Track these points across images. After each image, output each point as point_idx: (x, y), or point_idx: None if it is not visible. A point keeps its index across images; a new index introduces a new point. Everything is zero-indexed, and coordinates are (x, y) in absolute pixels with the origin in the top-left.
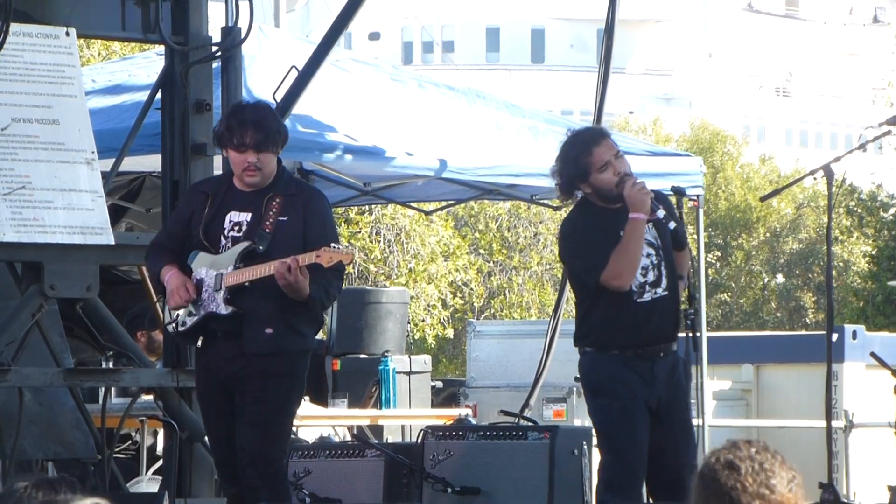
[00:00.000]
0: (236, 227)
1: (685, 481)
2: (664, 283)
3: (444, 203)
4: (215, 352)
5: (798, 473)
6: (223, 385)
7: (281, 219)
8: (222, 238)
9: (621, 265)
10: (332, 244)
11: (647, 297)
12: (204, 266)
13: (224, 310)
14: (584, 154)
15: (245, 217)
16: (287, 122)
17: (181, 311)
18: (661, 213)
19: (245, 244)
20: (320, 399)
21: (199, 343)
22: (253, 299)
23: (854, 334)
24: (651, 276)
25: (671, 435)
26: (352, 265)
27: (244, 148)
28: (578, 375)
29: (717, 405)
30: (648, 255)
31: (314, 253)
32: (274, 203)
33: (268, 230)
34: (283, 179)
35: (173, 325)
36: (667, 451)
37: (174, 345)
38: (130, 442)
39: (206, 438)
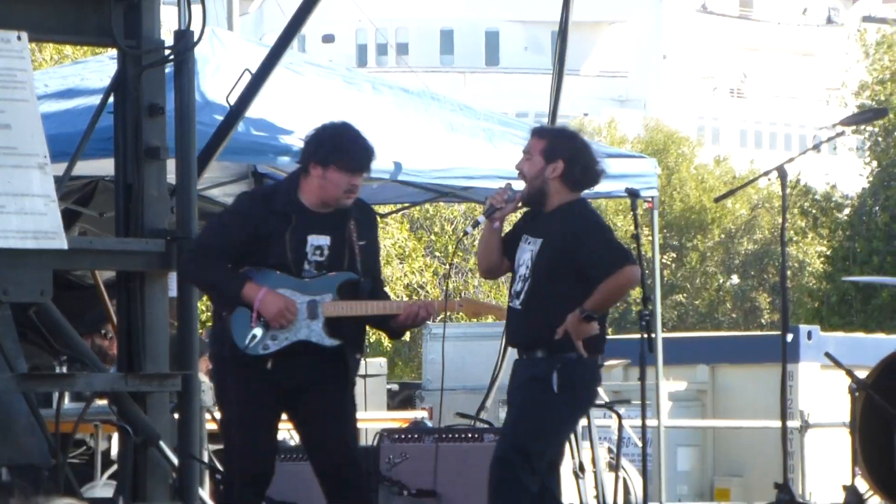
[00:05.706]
0: (318, 252)
1: None
2: (522, 297)
3: (399, 206)
4: (289, 366)
5: None
6: (287, 395)
7: (360, 243)
8: (306, 263)
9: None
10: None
11: (513, 303)
12: (286, 289)
13: (328, 341)
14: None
15: (324, 241)
16: (240, 125)
17: (259, 331)
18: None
19: (347, 275)
20: None
21: (269, 365)
22: (349, 328)
23: (809, 335)
24: (518, 286)
25: None
26: None
27: (357, 171)
28: None
29: (672, 406)
30: (527, 268)
31: (456, 301)
32: (351, 227)
33: (358, 257)
34: None
35: (250, 344)
36: None
37: (127, 350)
38: (85, 448)
39: (235, 449)
